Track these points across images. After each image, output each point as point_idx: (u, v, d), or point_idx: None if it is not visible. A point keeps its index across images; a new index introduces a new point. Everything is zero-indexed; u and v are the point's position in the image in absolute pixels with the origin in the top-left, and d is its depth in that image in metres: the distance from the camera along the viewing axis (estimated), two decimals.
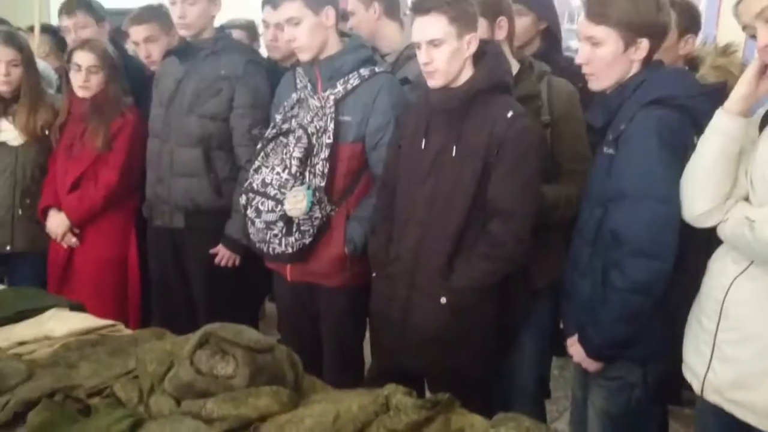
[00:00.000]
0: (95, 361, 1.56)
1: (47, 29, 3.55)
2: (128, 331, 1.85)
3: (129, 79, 2.67)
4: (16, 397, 1.31)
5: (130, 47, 3.09)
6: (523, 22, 2.37)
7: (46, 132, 2.62)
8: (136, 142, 2.59)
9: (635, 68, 1.69)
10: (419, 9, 1.84)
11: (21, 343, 1.61)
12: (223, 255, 2.45)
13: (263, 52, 2.90)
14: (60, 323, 1.75)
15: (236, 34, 2.91)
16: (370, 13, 2.44)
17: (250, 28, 3.15)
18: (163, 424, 1.15)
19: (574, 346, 1.79)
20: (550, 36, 2.49)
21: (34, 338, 1.64)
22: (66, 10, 2.91)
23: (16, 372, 1.44)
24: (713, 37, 2.96)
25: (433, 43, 1.81)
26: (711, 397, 1.52)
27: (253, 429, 1.19)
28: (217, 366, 1.27)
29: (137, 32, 2.67)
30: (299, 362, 1.42)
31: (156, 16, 2.64)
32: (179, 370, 1.26)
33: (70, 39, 2.93)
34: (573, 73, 2.19)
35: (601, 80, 1.73)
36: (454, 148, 1.84)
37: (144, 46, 2.67)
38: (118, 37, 3.13)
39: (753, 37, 1.47)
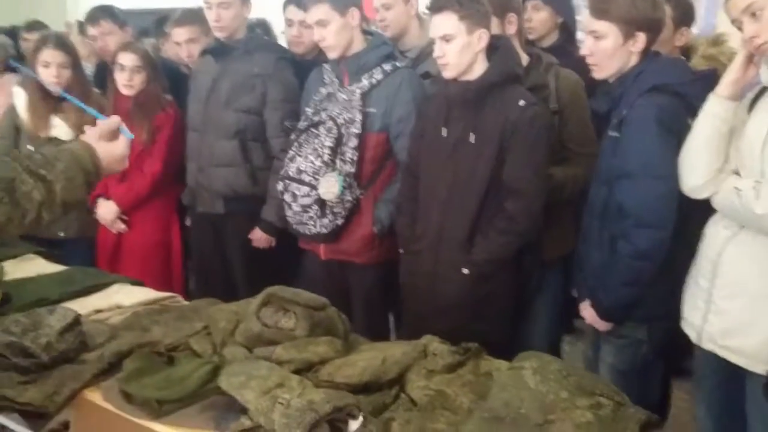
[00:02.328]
0: (164, 325, 1.77)
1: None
2: (183, 302, 2.07)
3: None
4: (109, 350, 1.52)
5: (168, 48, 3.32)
6: (541, 16, 2.55)
7: None
8: (176, 134, 2.81)
9: (634, 59, 1.88)
10: (434, 7, 2.05)
11: (97, 311, 1.83)
12: (260, 238, 2.66)
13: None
14: (126, 295, 1.96)
15: None
16: (408, 8, 2.59)
17: (262, 26, 3.28)
18: (242, 364, 1.36)
19: (586, 310, 1.99)
20: (566, 29, 2.67)
21: (108, 307, 1.85)
22: (91, 20, 3.15)
23: (101, 332, 1.66)
24: (713, 27, 3.13)
25: (445, 38, 2.00)
26: (707, 345, 1.72)
27: (314, 370, 1.40)
28: (281, 320, 1.49)
29: (179, 34, 2.86)
30: (346, 320, 1.63)
31: (197, 19, 2.82)
32: (249, 324, 1.48)
33: (97, 46, 3.17)
34: (585, 65, 2.41)
35: (603, 70, 1.92)
36: (472, 135, 2.04)
37: (186, 46, 2.86)
38: (143, 38, 3.36)
39: (740, 29, 1.66)
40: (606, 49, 1.87)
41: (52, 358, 1.48)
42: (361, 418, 1.15)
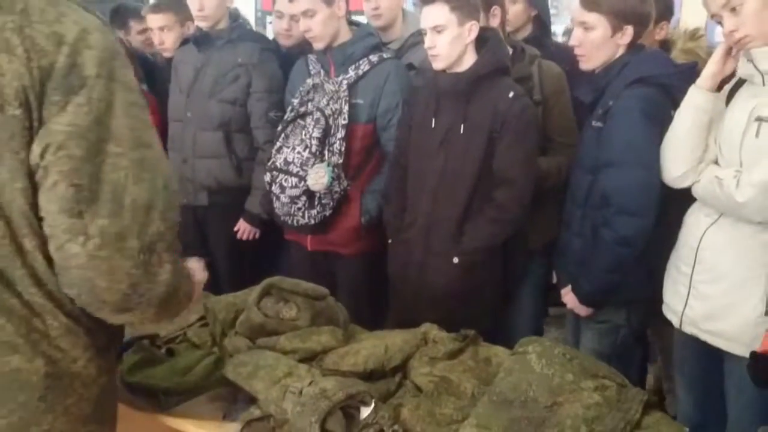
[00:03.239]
0: None
1: None
2: None
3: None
4: None
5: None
6: (516, 9, 2.60)
7: None
8: (153, 125, 2.75)
9: (621, 51, 1.93)
10: None
11: None
12: (244, 229, 2.66)
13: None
14: None
15: None
16: None
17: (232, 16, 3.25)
18: (249, 354, 1.37)
19: (568, 296, 2.05)
20: (540, 22, 2.72)
21: None
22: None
23: None
24: (677, 21, 3.23)
25: (437, 29, 2.02)
26: (688, 329, 1.79)
27: (318, 359, 1.42)
28: (282, 311, 1.50)
29: (154, 20, 2.81)
30: (345, 309, 1.65)
31: (172, 6, 2.79)
32: (250, 315, 1.48)
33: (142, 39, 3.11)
34: (560, 57, 2.46)
35: (590, 61, 1.98)
36: (462, 125, 2.07)
37: (158, 33, 2.81)
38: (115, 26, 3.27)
39: (720, 23, 1.72)
40: (594, 40, 1.92)
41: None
42: (372, 405, 1.18)
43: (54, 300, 0.94)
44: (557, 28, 5.25)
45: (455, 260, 2.09)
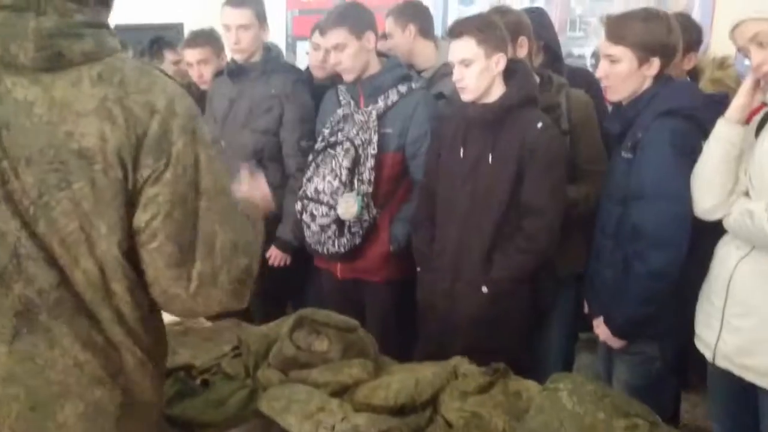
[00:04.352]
0: (192, 347, 1.81)
1: None
2: (206, 323, 2.11)
3: None
4: None
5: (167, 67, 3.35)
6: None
7: None
8: None
9: (648, 82, 1.94)
10: (453, 33, 2.10)
11: None
12: (275, 256, 2.70)
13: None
14: None
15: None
16: (406, 35, 2.68)
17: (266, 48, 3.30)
18: (282, 388, 1.40)
19: (600, 327, 2.04)
20: (550, 50, 2.74)
21: None
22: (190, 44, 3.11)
23: None
24: (706, 46, 3.22)
25: (464, 63, 2.06)
26: (721, 363, 1.77)
27: (349, 392, 1.45)
28: (314, 343, 1.53)
29: (192, 54, 2.90)
30: (375, 341, 1.68)
31: (209, 40, 2.88)
32: (283, 347, 1.52)
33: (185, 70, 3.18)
34: (576, 83, 2.47)
35: (617, 92, 1.98)
36: (490, 155, 2.10)
37: (197, 67, 2.90)
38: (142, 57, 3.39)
39: (747, 57, 1.72)
40: (621, 72, 1.93)
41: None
42: None
43: (133, 336, 1.04)
44: (586, 51, 5.26)
45: (484, 289, 2.10)
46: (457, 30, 2.07)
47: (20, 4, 0.93)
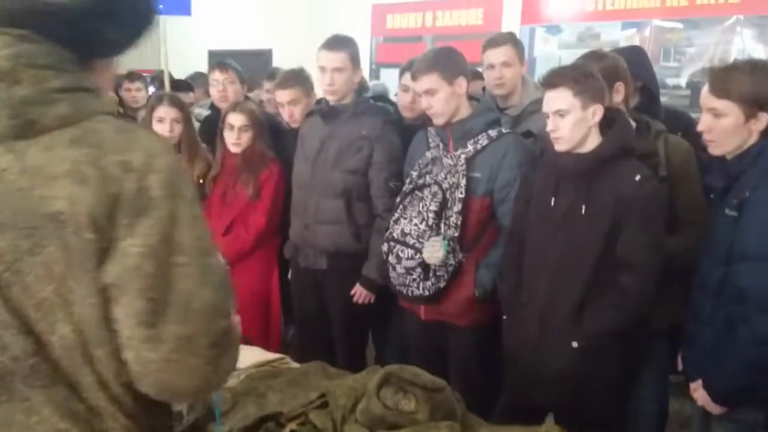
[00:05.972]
0: (279, 391, 1.85)
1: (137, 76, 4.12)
2: (294, 364, 2.15)
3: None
4: (237, 424, 1.61)
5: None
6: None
7: (200, 181, 3.00)
8: (279, 190, 2.95)
9: (754, 137, 1.84)
10: (548, 83, 2.06)
11: None
12: (360, 293, 2.74)
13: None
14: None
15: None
16: (522, 68, 2.77)
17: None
18: None
19: (698, 391, 1.94)
20: (647, 91, 2.64)
21: None
22: (219, 66, 3.37)
23: (224, 400, 1.75)
24: None
25: (559, 113, 2.02)
26: None
27: None
28: (401, 402, 1.53)
29: (283, 95, 3.00)
30: (462, 400, 1.66)
31: (299, 81, 2.97)
32: (370, 405, 1.53)
33: (216, 90, 3.35)
34: (673, 126, 2.37)
35: (721, 147, 1.90)
36: (584, 206, 2.04)
37: (288, 108, 3.00)
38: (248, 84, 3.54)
39: None
40: (726, 127, 1.85)
41: (182, 429, 1.57)
42: None
43: (117, 403, 1.00)
44: (681, 81, 5.07)
45: (574, 344, 2.04)
46: (553, 80, 2.03)
47: None
